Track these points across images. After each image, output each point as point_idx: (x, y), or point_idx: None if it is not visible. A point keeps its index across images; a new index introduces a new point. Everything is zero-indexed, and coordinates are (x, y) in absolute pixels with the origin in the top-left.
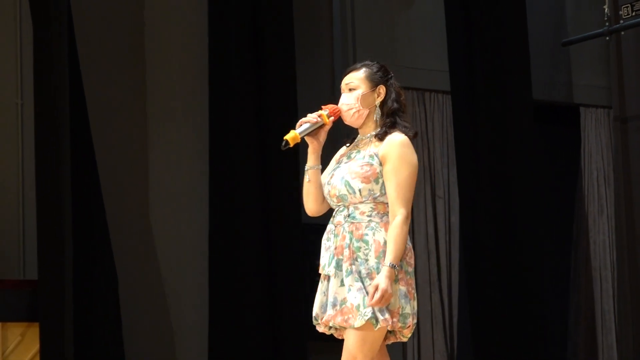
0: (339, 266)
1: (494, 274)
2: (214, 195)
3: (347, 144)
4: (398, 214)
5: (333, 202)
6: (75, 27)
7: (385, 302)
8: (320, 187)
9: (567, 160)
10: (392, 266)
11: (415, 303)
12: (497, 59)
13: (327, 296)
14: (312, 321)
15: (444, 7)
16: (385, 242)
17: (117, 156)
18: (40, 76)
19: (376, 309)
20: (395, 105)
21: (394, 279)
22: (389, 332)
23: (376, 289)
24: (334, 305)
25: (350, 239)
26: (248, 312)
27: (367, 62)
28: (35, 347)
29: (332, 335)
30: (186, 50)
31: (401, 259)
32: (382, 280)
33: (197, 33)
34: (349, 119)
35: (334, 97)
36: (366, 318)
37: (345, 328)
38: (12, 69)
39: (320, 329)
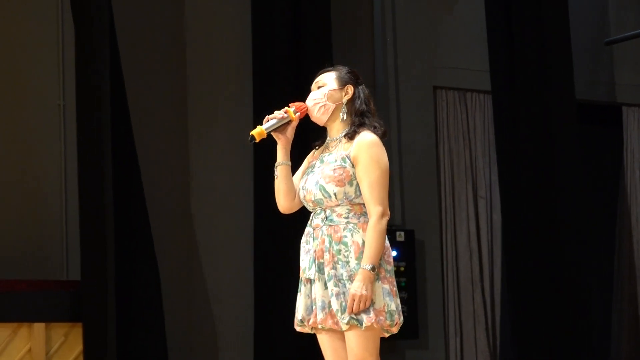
0: (320, 270)
1: (536, 273)
2: (259, 195)
3: (317, 147)
4: (372, 214)
5: (309, 206)
6: (116, 27)
7: (365, 305)
8: (290, 183)
9: (609, 159)
10: (368, 268)
11: (398, 300)
12: (539, 58)
13: (312, 299)
14: (292, 324)
15: (485, 8)
16: (364, 243)
17: (159, 156)
18: (82, 77)
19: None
20: (363, 106)
21: (372, 280)
22: None
23: (353, 298)
24: (323, 308)
25: (330, 242)
26: (293, 312)
27: (338, 66)
28: (79, 347)
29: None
30: (228, 49)
31: (380, 258)
32: (355, 286)
33: (240, 32)
34: (315, 114)
35: (375, 98)
36: (344, 322)
37: (334, 330)
38: (54, 70)
39: (305, 330)
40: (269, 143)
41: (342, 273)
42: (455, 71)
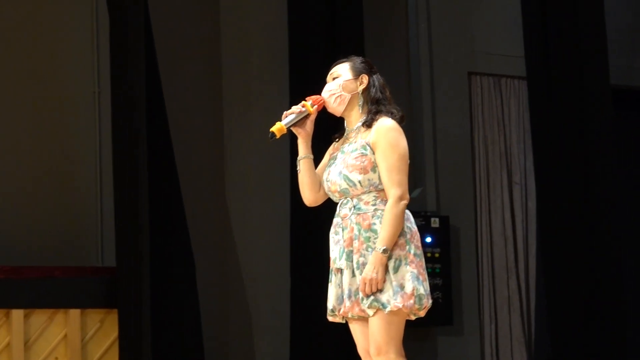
0: (349, 258)
1: (571, 260)
2: (296, 180)
3: (336, 139)
4: (389, 197)
5: (335, 197)
6: (151, 13)
7: (375, 288)
8: (313, 175)
9: None
10: (381, 250)
11: (427, 284)
12: (574, 43)
13: (342, 289)
14: (325, 314)
15: None
16: None
17: (194, 142)
18: (117, 64)
19: (388, 293)
20: (379, 94)
21: (385, 263)
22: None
23: (364, 281)
24: (350, 296)
25: (359, 230)
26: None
27: (352, 57)
28: (115, 333)
29: (409, 321)
30: (264, 36)
31: (394, 241)
32: (366, 270)
33: (275, 17)
34: (332, 105)
35: (410, 84)
36: (366, 306)
37: (363, 317)
38: (89, 57)
39: (336, 319)
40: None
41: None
42: (490, 56)
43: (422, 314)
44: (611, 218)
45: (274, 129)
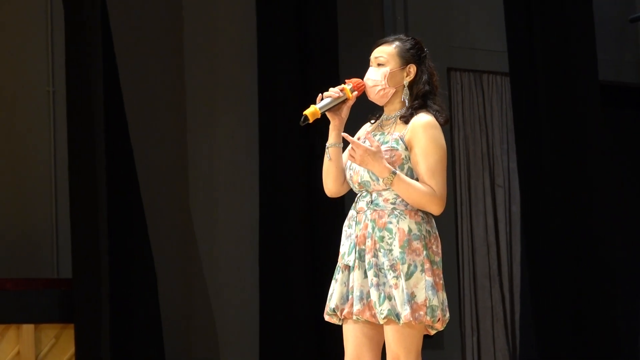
0: (361, 257)
1: (558, 268)
2: (265, 185)
3: (372, 121)
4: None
5: (355, 188)
6: (109, 9)
7: (359, 158)
8: (340, 165)
9: (636, 144)
10: (392, 172)
11: (444, 295)
12: (560, 37)
13: (348, 288)
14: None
15: None
16: (410, 231)
17: (155, 146)
18: (73, 62)
19: (398, 304)
20: (426, 87)
21: (377, 159)
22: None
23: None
24: (361, 299)
25: (373, 228)
26: (302, 309)
27: (401, 36)
28: (71, 349)
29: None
30: (230, 36)
31: (426, 246)
32: (370, 149)
33: (244, 15)
34: (373, 96)
35: None
36: (382, 316)
37: (368, 322)
38: (43, 54)
39: (333, 320)
40: (271, 136)
41: (383, 262)
42: (471, 52)
43: (438, 326)
44: (600, 221)
45: (307, 112)
